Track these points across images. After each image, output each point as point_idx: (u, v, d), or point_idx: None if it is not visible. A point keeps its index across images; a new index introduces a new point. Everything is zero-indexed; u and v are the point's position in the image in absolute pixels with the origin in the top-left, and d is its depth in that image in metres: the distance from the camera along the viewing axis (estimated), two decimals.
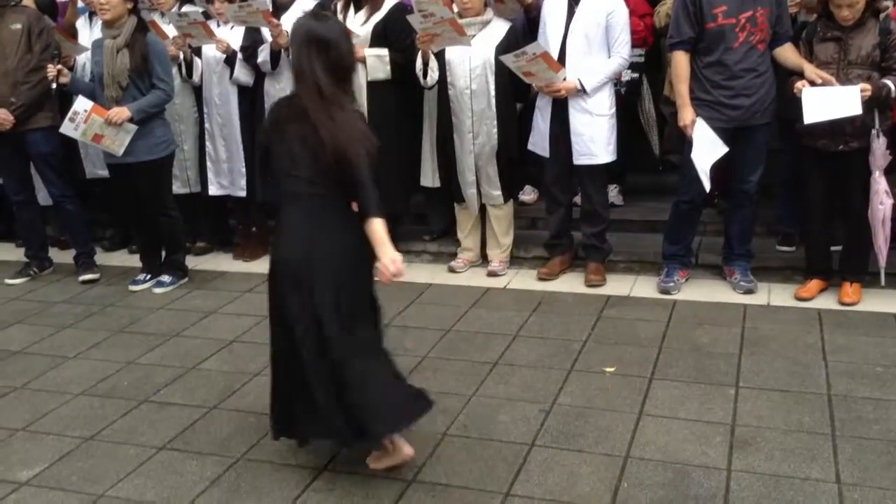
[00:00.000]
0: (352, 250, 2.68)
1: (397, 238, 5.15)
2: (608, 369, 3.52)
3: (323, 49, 2.61)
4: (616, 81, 4.59)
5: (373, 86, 4.70)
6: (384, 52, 4.65)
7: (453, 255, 5.00)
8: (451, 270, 4.87)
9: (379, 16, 4.69)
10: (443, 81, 4.57)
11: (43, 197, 5.13)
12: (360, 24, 4.69)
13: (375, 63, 4.66)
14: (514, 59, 4.20)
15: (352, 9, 4.74)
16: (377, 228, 2.62)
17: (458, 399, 3.33)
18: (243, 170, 5.09)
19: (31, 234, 5.12)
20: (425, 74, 4.52)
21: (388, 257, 2.61)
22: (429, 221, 5.38)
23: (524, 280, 4.69)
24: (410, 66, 4.60)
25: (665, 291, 4.35)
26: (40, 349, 4.02)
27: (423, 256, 5.18)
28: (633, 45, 4.46)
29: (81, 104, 4.41)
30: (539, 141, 4.56)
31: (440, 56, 4.52)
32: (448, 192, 4.90)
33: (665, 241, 4.48)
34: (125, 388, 3.58)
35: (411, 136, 4.97)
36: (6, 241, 5.78)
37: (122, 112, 4.42)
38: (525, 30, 4.64)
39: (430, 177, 5.00)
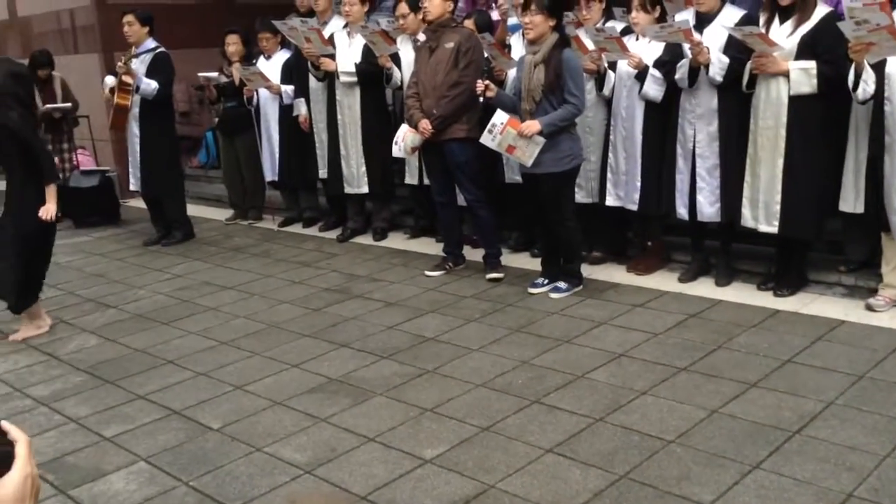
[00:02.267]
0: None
1: (805, 265, 4.77)
2: None
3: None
4: None
5: (795, 101, 4.36)
6: (811, 64, 4.29)
7: (873, 291, 4.44)
8: (870, 308, 4.33)
9: (808, 26, 4.33)
10: (878, 95, 4.07)
11: (462, 198, 5.64)
12: (786, 36, 4.37)
13: (800, 77, 4.32)
14: None
15: (777, 19, 4.44)
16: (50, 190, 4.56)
17: (868, 457, 2.94)
18: (638, 184, 5.08)
19: (449, 233, 5.68)
20: (856, 87, 4.07)
21: (47, 210, 4.54)
22: (845, 250, 4.84)
23: None
24: (839, 79, 4.17)
25: None
26: (449, 338, 4.43)
27: (835, 289, 4.68)
28: None
29: (499, 117, 4.76)
30: None
31: (878, 68, 4.03)
32: (874, 218, 4.36)
33: None
34: (519, 386, 3.78)
35: (833, 155, 4.51)
36: (429, 235, 6.48)
37: (532, 126, 4.67)
38: None
39: (851, 201, 4.49)
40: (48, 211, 4.51)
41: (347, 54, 6.23)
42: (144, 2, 8.72)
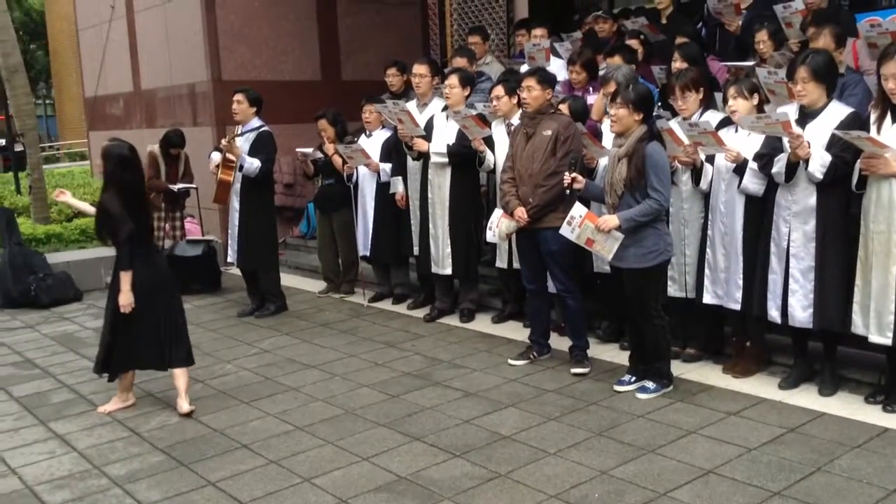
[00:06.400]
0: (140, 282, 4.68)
1: None
2: None
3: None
4: None
5: None
6: None
7: None
8: None
9: None
10: None
11: (552, 286, 5.50)
12: None
13: None
14: None
15: (889, 117, 4.16)
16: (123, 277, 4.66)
17: None
18: (740, 281, 4.81)
19: (536, 321, 5.53)
20: None
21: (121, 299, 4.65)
22: None
23: None
24: None
25: None
26: (526, 438, 4.25)
27: None
28: None
29: (577, 210, 4.66)
30: None
31: None
32: None
33: None
34: (595, 501, 3.56)
35: None
36: (516, 319, 6.35)
37: (610, 221, 4.55)
38: None
39: None
40: (122, 299, 4.63)
41: (442, 135, 6.27)
42: (256, 79, 9.19)
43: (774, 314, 4.65)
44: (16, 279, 7.75)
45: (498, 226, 5.34)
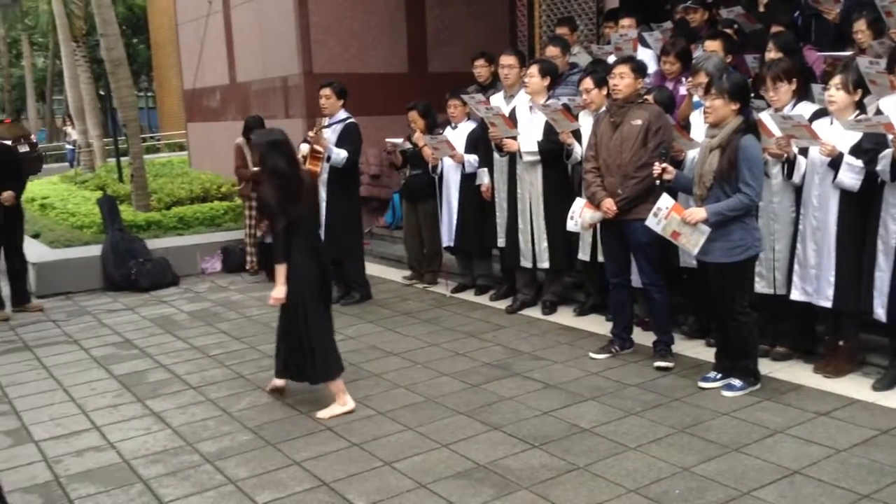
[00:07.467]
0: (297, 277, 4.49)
1: None
2: None
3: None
4: None
5: None
6: None
7: None
8: None
9: None
10: None
11: (636, 279, 5.44)
12: None
13: None
14: None
15: None
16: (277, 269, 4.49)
17: None
18: (832, 278, 4.65)
19: (620, 315, 5.47)
20: None
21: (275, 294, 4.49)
22: None
23: None
24: None
25: None
26: (606, 431, 4.23)
27: None
28: None
29: (664, 201, 4.58)
30: None
31: None
32: None
33: None
34: (675, 497, 3.53)
35: None
36: (599, 312, 6.30)
37: (697, 213, 4.46)
38: None
39: None
40: (275, 294, 4.47)
41: (529, 131, 6.25)
42: (345, 71, 9.36)
43: (880, 312, 4.49)
44: (117, 263, 8.16)
45: (581, 216, 5.30)
